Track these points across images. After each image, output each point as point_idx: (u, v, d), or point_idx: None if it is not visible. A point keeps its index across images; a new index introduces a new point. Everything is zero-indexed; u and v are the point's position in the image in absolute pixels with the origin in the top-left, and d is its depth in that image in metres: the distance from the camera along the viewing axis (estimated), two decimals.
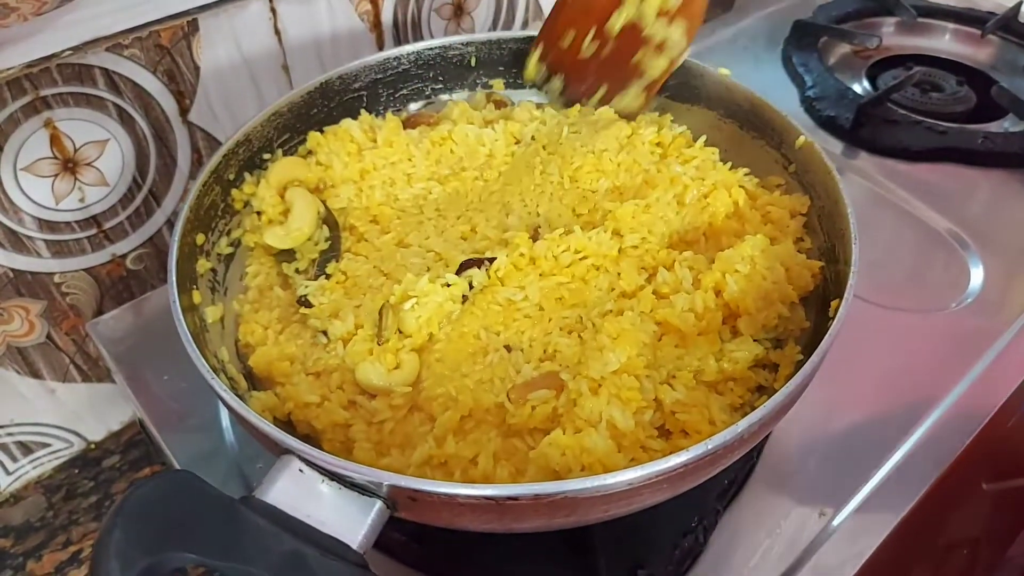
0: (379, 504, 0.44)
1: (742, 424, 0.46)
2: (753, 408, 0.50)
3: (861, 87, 1.12)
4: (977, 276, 0.83)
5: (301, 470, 0.45)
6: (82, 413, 0.86)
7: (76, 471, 0.86)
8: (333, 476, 0.44)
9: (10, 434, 0.82)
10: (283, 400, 0.57)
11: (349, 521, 0.44)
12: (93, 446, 0.89)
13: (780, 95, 1.07)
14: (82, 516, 0.82)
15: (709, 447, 0.45)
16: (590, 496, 0.44)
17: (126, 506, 0.41)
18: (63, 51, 0.68)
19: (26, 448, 0.84)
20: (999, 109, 1.06)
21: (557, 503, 0.43)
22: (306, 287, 0.64)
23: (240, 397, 0.53)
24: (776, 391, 0.49)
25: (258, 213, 0.68)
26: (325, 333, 0.61)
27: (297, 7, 0.81)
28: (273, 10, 0.80)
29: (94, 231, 0.78)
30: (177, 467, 0.69)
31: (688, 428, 0.54)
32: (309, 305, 0.62)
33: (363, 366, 0.57)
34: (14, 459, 0.84)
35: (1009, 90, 1.05)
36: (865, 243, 0.58)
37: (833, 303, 0.56)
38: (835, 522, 0.63)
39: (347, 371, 0.58)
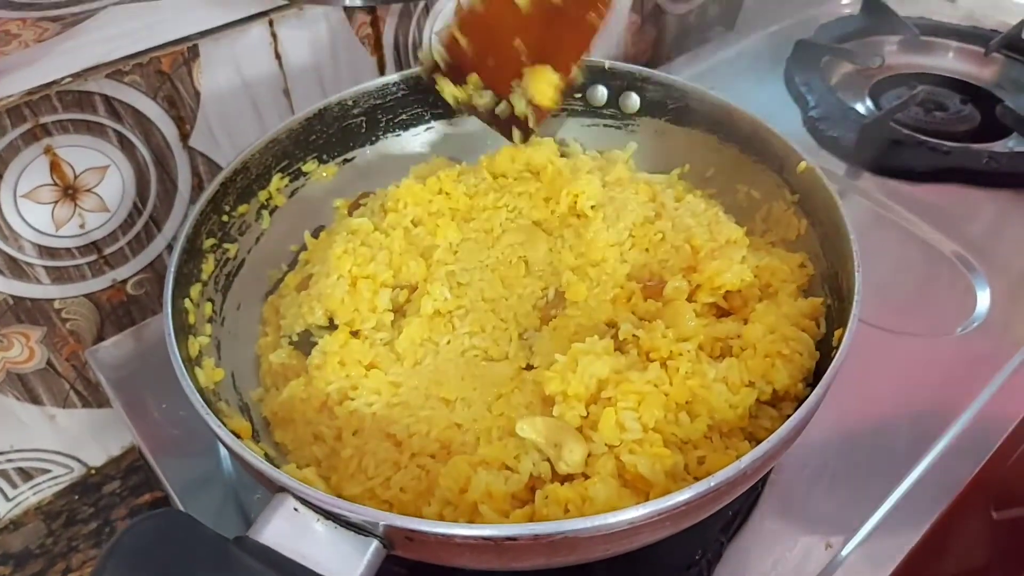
0: (375, 543, 0.44)
1: (745, 459, 0.45)
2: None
3: (864, 106, 1.12)
4: (984, 299, 0.82)
5: (296, 509, 0.44)
6: (82, 438, 0.86)
7: (76, 497, 0.86)
8: (328, 515, 0.44)
9: (10, 460, 0.81)
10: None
11: (344, 561, 0.43)
12: (93, 471, 0.88)
13: (782, 115, 1.07)
14: (82, 543, 0.81)
15: (712, 484, 0.44)
16: (590, 536, 0.43)
17: (118, 547, 0.40)
18: (63, 78, 0.68)
19: (26, 474, 0.83)
20: (1003, 128, 1.05)
21: (557, 543, 0.43)
22: None
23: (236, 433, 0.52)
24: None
25: None
26: None
27: (298, 31, 0.81)
28: (274, 35, 0.80)
29: (94, 257, 0.77)
30: (173, 495, 0.68)
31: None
32: None
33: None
34: (14, 485, 0.83)
35: (1014, 109, 1.04)
36: (869, 266, 0.57)
37: (836, 333, 0.56)
38: (842, 554, 0.62)
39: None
